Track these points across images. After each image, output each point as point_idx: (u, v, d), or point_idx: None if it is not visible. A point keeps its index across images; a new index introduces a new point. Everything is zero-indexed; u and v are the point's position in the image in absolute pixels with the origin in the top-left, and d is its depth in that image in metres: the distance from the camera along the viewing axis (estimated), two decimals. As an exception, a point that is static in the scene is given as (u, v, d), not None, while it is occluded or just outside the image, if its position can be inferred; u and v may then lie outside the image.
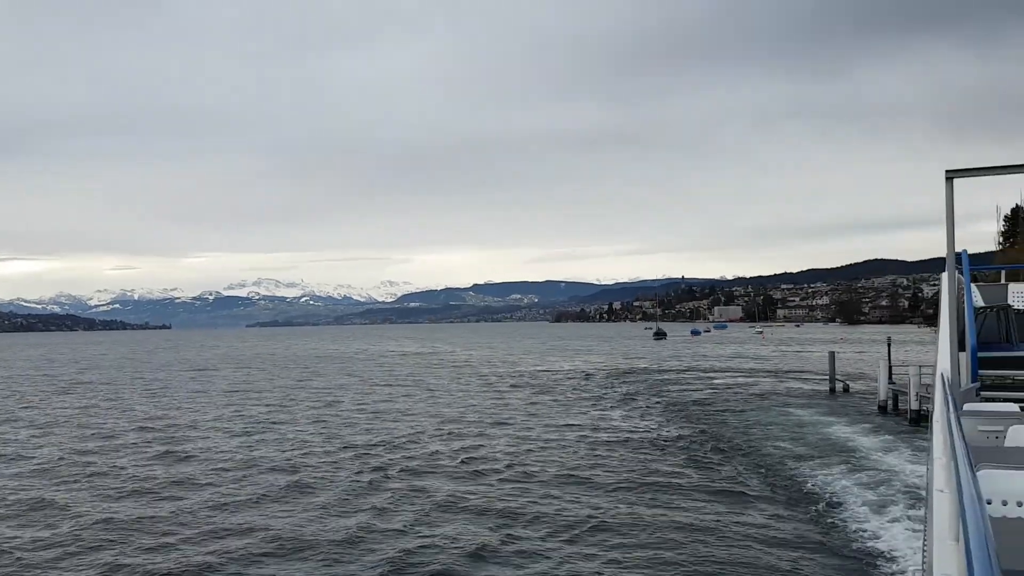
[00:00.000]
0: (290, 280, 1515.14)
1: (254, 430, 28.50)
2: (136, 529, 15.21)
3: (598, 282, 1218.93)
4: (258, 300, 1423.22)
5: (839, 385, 39.38)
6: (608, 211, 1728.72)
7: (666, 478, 19.24)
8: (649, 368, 61.82)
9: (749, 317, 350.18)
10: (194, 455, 23.39)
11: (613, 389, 43.92)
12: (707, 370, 58.92)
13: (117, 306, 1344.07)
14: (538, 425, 28.99)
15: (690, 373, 56.06)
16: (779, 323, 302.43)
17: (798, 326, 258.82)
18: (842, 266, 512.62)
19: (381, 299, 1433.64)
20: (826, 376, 41.46)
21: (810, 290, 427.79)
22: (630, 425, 28.81)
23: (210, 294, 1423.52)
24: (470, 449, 23.82)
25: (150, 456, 23.31)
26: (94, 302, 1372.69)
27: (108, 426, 30.29)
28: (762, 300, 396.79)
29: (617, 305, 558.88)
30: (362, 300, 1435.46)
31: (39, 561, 13.36)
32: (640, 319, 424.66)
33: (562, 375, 55.96)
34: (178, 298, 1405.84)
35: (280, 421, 30.94)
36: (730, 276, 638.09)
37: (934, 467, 3.56)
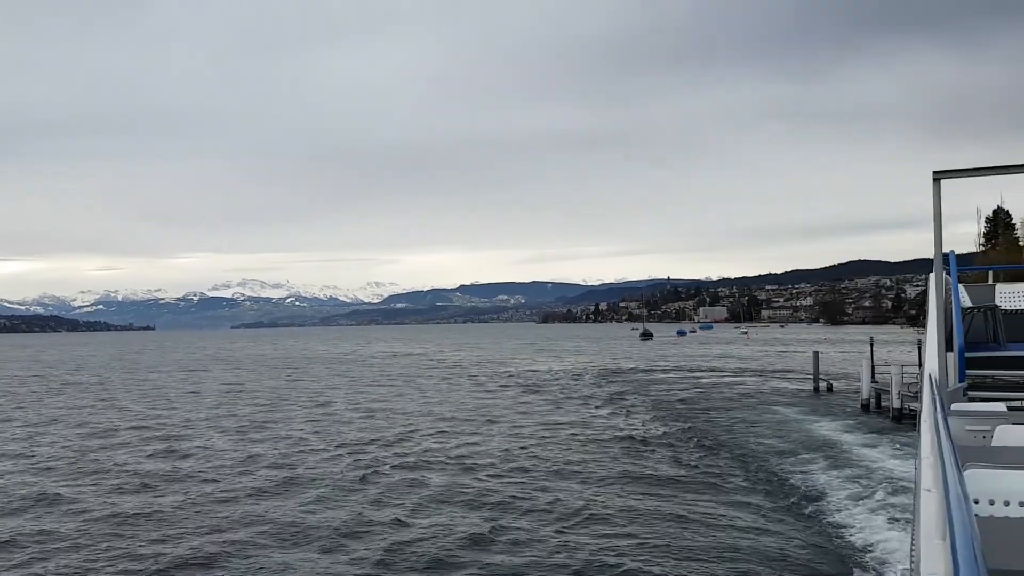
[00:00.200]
0: (275, 281, 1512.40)
1: (249, 428, 28.93)
2: (141, 521, 15.68)
3: (585, 283, 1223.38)
4: (243, 301, 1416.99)
5: (823, 384, 40.07)
6: (594, 212, 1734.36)
7: (654, 472, 19.88)
8: (637, 368, 62.54)
9: (734, 318, 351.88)
10: (192, 452, 23.80)
11: (602, 389, 44.57)
12: (693, 370, 59.70)
13: (101, 307, 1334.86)
14: (529, 423, 29.58)
15: (676, 373, 56.80)
16: (764, 324, 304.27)
17: (782, 326, 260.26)
18: (826, 267, 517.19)
19: (367, 300, 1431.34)
20: (810, 376, 42.15)
21: (794, 291, 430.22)
22: (618, 423, 29.43)
23: (195, 295, 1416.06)
24: (463, 446, 24.36)
25: (149, 453, 23.72)
26: (78, 303, 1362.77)
27: (105, 426, 30.60)
28: (747, 301, 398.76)
29: (603, 306, 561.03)
30: (348, 301, 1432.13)
31: (49, 551, 13.81)
32: (626, 320, 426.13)
33: (551, 375, 56.58)
34: (162, 299, 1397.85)
35: (275, 420, 31.36)
36: (715, 277, 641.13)
37: (922, 466, 3.61)
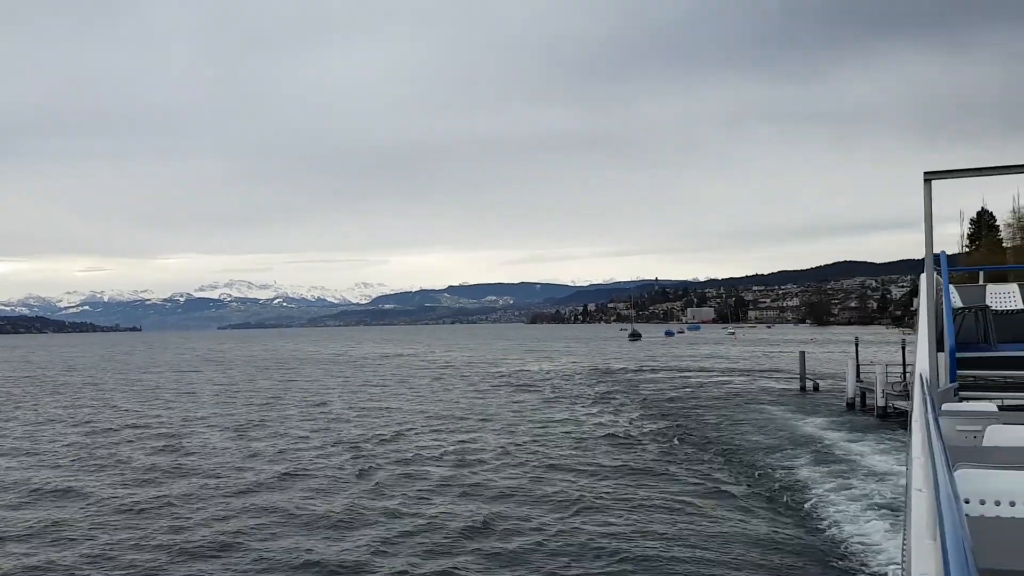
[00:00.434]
0: (263, 282, 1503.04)
1: (248, 427, 29.44)
2: (149, 512, 16.25)
3: (573, 284, 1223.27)
4: (230, 302, 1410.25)
5: (809, 383, 40.73)
6: (582, 213, 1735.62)
7: (644, 467, 20.58)
8: (626, 368, 63.30)
9: (721, 318, 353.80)
10: (194, 449, 24.34)
11: (592, 388, 45.29)
12: (682, 370, 60.51)
13: (87, 308, 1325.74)
14: (522, 421, 30.23)
15: (665, 373, 57.59)
16: (751, 324, 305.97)
17: (769, 327, 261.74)
18: (812, 268, 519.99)
19: (355, 301, 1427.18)
20: (797, 375, 42.86)
21: (781, 292, 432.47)
22: (609, 420, 30.13)
23: (181, 296, 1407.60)
24: (458, 442, 25.00)
25: (152, 450, 24.26)
26: (63, 304, 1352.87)
27: (105, 424, 31.05)
28: (734, 302, 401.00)
29: (592, 307, 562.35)
30: (336, 302, 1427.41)
31: (63, 540, 14.35)
32: (615, 320, 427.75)
33: (542, 375, 57.27)
34: (148, 300, 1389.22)
35: (272, 419, 31.86)
36: (703, 278, 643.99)
37: (913, 466, 3.61)
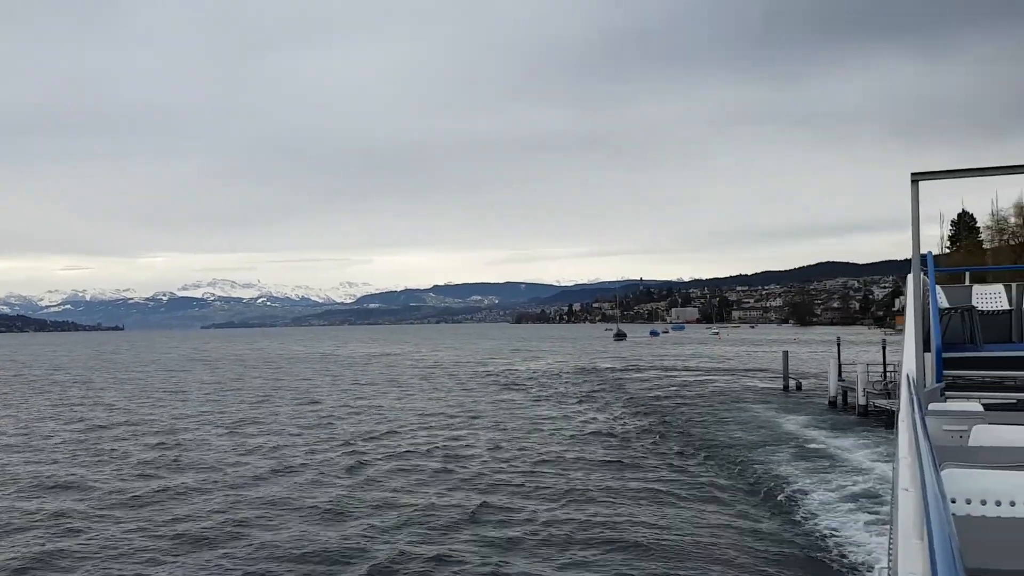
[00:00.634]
0: (247, 281, 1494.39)
1: (239, 424, 29.85)
2: (150, 505, 16.67)
3: (558, 283, 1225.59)
4: (213, 301, 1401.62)
5: (792, 382, 41.44)
6: (567, 213, 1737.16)
7: (629, 461, 21.23)
8: (613, 367, 64.01)
9: (705, 318, 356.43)
10: (189, 445, 24.72)
11: (579, 387, 45.93)
12: (667, 369, 61.32)
13: (68, 307, 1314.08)
14: (511, 418, 30.82)
15: (651, 372, 58.37)
16: (735, 324, 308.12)
17: (753, 327, 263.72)
18: (795, 268, 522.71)
19: (340, 300, 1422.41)
20: (780, 374, 43.70)
21: (764, 292, 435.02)
22: (596, 417, 30.76)
23: (164, 295, 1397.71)
24: (449, 439, 25.57)
25: (148, 445, 24.59)
26: (45, 303, 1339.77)
27: (100, 422, 31.30)
28: (718, 302, 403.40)
29: (577, 306, 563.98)
30: (320, 301, 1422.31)
31: (60, 532, 14.77)
32: (600, 320, 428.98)
33: (529, 374, 57.87)
34: (131, 299, 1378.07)
35: (263, 416, 32.26)
36: (687, 278, 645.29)
37: (899, 466, 3.60)
